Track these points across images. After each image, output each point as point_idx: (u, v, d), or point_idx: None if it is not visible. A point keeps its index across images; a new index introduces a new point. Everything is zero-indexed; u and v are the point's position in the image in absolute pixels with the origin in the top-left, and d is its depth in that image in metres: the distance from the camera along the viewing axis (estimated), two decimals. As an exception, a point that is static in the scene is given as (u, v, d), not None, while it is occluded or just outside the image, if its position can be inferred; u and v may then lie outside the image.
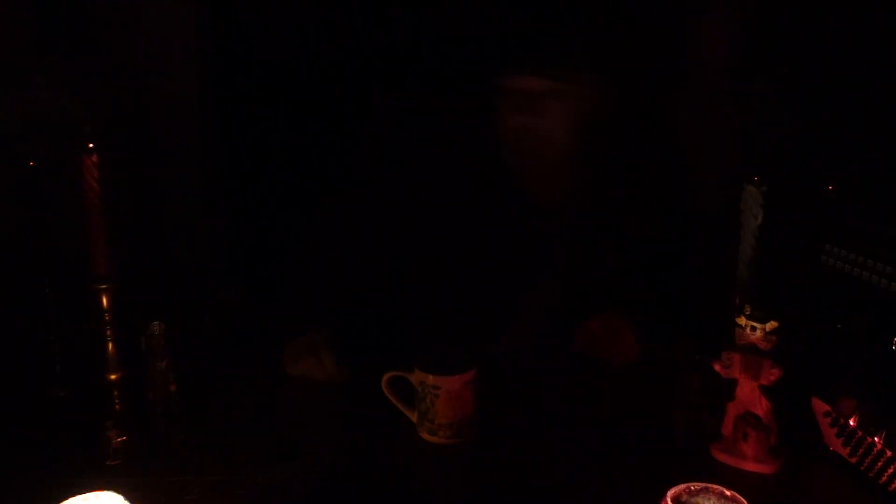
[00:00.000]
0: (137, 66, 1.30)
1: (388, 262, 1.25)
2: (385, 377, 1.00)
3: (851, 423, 0.90)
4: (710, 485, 0.71)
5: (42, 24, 1.16)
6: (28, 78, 1.15)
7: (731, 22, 1.31)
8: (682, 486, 0.71)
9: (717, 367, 0.94)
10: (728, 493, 0.70)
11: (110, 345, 0.93)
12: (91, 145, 0.87)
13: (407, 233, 1.24)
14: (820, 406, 0.93)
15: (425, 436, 0.98)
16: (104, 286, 0.91)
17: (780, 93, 1.27)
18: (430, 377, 0.95)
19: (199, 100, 1.36)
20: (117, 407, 0.94)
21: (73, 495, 0.71)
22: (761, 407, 0.91)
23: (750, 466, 0.91)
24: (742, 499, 0.69)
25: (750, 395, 0.92)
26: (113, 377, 0.93)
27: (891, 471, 0.85)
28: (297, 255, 1.27)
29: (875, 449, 0.87)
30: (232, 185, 1.44)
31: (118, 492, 0.72)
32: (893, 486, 0.85)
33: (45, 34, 1.16)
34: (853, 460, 0.90)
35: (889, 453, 0.85)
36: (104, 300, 0.91)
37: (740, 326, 0.92)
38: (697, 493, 0.71)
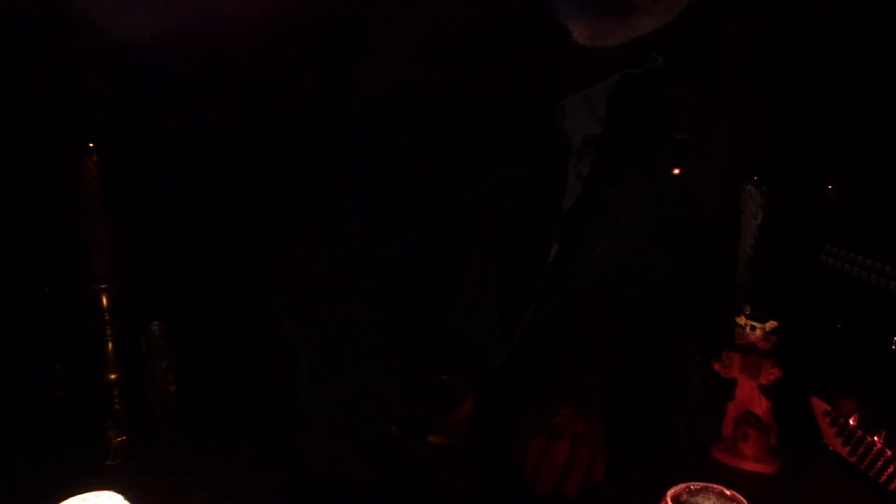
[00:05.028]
0: (139, 65, 1.30)
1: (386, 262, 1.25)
2: (385, 377, 1.00)
3: (851, 422, 0.90)
4: (710, 485, 0.71)
5: (42, 22, 1.16)
6: (28, 77, 1.15)
7: (731, 22, 1.31)
8: (682, 486, 0.71)
9: (717, 367, 0.94)
10: (728, 492, 0.70)
11: (110, 345, 0.93)
12: (91, 145, 0.87)
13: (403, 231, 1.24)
14: (820, 406, 0.93)
15: (425, 436, 0.98)
16: (104, 286, 0.91)
17: (780, 92, 1.27)
18: (430, 377, 0.95)
19: (200, 98, 1.35)
20: (117, 407, 0.94)
21: (73, 495, 0.71)
22: (761, 407, 0.91)
23: (750, 466, 0.91)
24: (742, 499, 0.69)
25: (750, 395, 0.92)
26: (113, 377, 0.93)
27: (891, 470, 0.85)
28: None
29: (875, 448, 0.87)
30: (233, 184, 1.43)
31: (118, 492, 0.72)
32: (893, 485, 0.85)
33: (46, 32, 1.16)
34: (853, 460, 0.90)
35: (889, 453, 0.85)
36: (104, 300, 0.91)
37: (740, 326, 0.92)
38: (697, 492, 0.71)
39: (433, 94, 0.93)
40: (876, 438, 0.87)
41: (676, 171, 0.99)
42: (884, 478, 0.86)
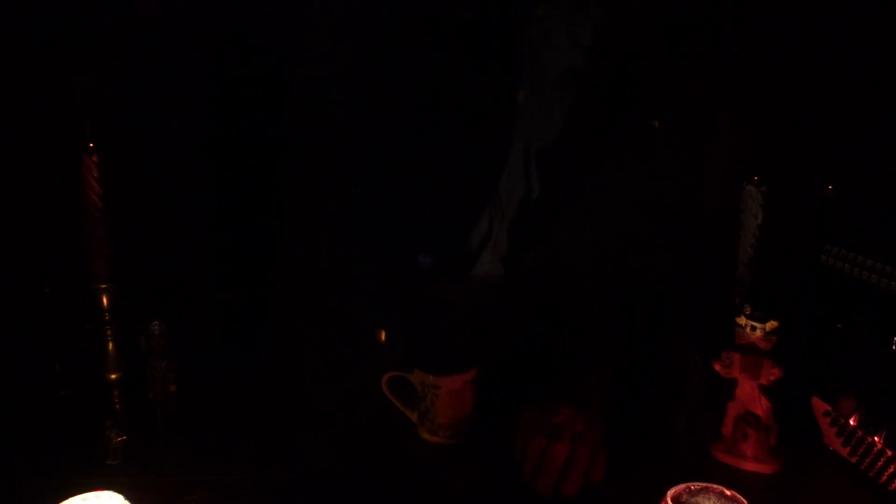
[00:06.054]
0: (138, 65, 1.30)
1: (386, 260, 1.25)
2: (385, 377, 1.00)
3: (851, 422, 0.90)
4: (710, 485, 0.71)
5: (42, 21, 1.16)
6: (28, 76, 1.15)
7: (731, 22, 1.31)
8: (682, 486, 0.71)
9: (717, 367, 0.94)
10: (728, 492, 0.70)
11: (110, 345, 0.93)
12: (91, 145, 0.87)
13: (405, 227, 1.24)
14: (820, 406, 0.93)
15: (425, 436, 0.98)
16: (104, 286, 0.91)
17: (780, 92, 1.27)
18: (430, 377, 0.95)
19: (200, 98, 1.36)
20: (117, 407, 0.94)
21: (73, 495, 0.71)
22: (761, 407, 0.91)
23: (750, 466, 0.91)
24: (742, 499, 0.69)
25: (750, 395, 0.92)
26: (113, 377, 0.93)
27: (891, 470, 0.85)
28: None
29: (875, 449, 0.87)
30: (233, 184, 1.43)
31: (118, 492, 0.72)
32: (893, 485, 0.85)
33: (46, 32, 1.16)
34: (853, 460, 0.90)
35: (889, 453, 0.85)
36: (104, 300, 0.91)
37: (740, 326, 0.92)
38: (697, 492, 0.71)
39: (423, 73, 0.93)
40: (876, 438, 0.87)
41: (657, 125, 0.99)
42: (884, 478, 0.86)
